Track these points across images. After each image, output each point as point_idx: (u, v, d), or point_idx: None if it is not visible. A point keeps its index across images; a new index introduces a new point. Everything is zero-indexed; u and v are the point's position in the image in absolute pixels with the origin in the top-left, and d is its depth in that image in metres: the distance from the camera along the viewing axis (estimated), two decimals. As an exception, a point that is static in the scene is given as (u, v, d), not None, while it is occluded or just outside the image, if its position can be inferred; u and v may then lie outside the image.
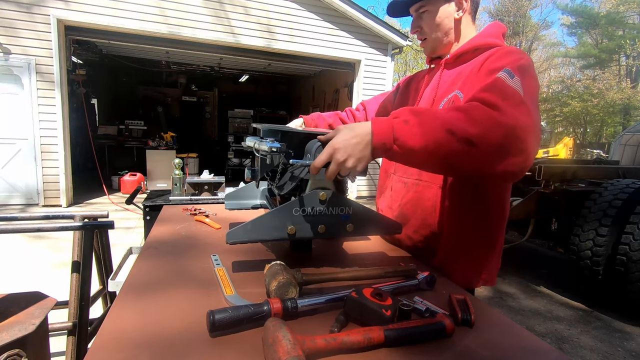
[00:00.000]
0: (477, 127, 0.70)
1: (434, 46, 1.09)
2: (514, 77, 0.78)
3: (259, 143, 0.94)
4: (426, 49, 1.12)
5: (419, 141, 0.71)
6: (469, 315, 0.68)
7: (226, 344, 0.59)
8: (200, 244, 1.08)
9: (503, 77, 0.79)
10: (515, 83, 0.77)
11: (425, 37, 1.09)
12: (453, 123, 0.71)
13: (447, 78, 1.06)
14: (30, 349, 1.17)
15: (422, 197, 1.05)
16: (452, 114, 0.73)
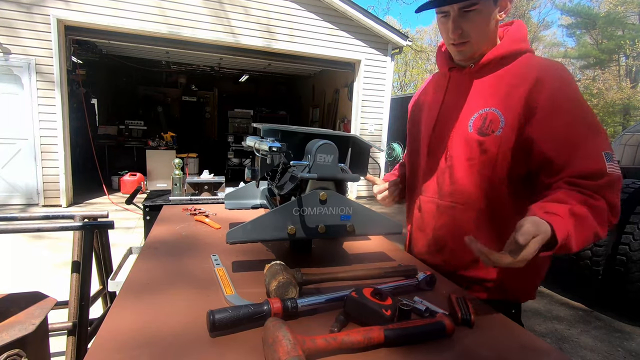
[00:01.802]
0: (604, 228, 0.79)
1: (473, 51, 0.95)
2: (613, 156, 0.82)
3: (259, 143, 0.94)
4: (461, 53, 0.96)
5: (582, 244, 0.75)
6: (469, 315, 0.68)
7: (226, 344, 0.59)
8: (200, 244, 1.08)
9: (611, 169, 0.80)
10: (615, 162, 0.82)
11: (467, 40, 0.93)
12: (600, 229, 0.78)
13: (477, 88, 0.97)
14: (30, 349, 1.17)
15: (458, 221, 0.97)
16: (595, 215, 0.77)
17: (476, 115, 0.93)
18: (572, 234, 0.71)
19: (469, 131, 0.94)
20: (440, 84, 1.07)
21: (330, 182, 0.89)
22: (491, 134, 0.90)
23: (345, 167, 0.99)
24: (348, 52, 7.01)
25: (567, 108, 0.84)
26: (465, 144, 0.95)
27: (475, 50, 0.95)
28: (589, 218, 0.75)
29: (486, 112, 0.91)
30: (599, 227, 0.76)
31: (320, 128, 1.41)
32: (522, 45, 0.94)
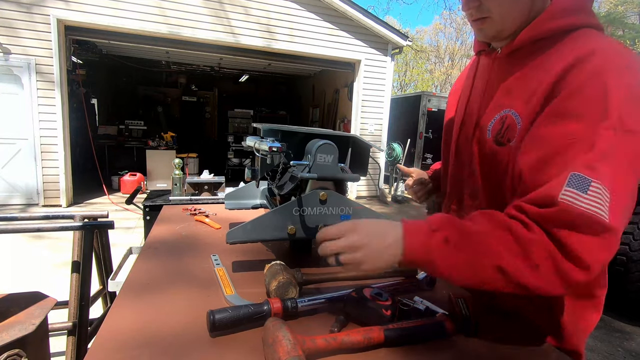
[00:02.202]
0: (535, 276, 0.55)
1: (497, 30, 0.72)
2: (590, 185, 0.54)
3: (259, 143, 0.94)
4: (483, 31, 0.74)
5: (460, 273, 0.58)
6: (468, 315, 0.67)
7: (226, 344, 0.59)
8: (200, 244, 1.08)
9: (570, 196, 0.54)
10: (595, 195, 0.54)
11: (487, 15, 0.70)
12: (506, 260, 0.56)
13: (504, 81, 0.75)
14: (30, 349, 1.17)
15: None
16: (505, 243, 0.57)
17: (497, 118, 0.74)
18: (436, 250, 0.58)
19: (487, 137, 0.75)
20: (471, 71, 0.88)
21: (330, 182, 0.89)
22: (506, 143, 0.70)
23: (345, 167, 0.99)
24: (348, 52, 7.01)
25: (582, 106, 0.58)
26: (483, 152, 0.77)
27: (501, 29, 0.72)
28: (476, 237, 0.58)
29: (506, 115, 0.71)
30: (511, 259, 0.56)
31: (320, 128, 1.41)
32: (574, 18, 0.65)
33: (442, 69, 27.55)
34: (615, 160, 0.55)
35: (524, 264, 0.55)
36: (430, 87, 25.66)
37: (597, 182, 0.54)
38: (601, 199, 0.53)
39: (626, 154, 0.55)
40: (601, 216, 0.53)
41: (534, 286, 0.56)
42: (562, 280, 0.55)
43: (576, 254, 0.53)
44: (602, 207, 0.53)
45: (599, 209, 0.53)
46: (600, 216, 0.53)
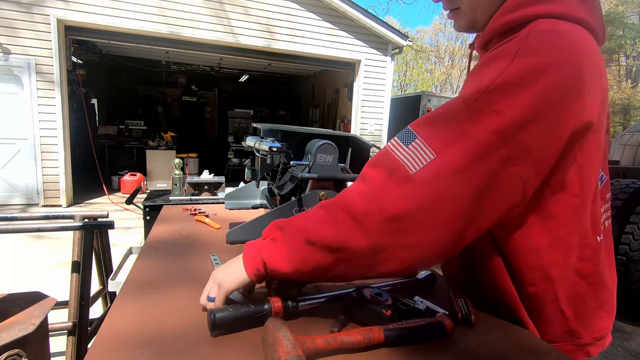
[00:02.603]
0: (333, 228, 0.56)
1: (469, 22, 0.70)
2: (413, 141, 0.56)
3: (259, 143, 0.94)
4: (457, 23, 0.73)
5: (286, 262, 0.59)
6: (469, 315, 0.68)
7: (226, 344, 0.59)
8: (200, 244, 1.08)
9: (393, 145, 0.58)
10: (413, 150, 0.55)
11: (457, 5, 0.69)
12: (311, 230, 0.58)
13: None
14: (30, 349, 1.17)
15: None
16: (315, 213, 0.61)
17: None
18: (265, 250, 0.62)
19: None
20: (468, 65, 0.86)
21: (330, 182, 0.89)
22: None
23: (345, 167, 0.99)
24: (348, 52, 7.01)
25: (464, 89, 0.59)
26: None
27: (473, 20, 0.70)
28: (293, 223, 0.62)
29: None
30: (315, 226, 0.58)
31: (320, 128, 1.41)
32: (532, 9, 0.59)
33: (442, 69, 27.55)
34: (456, 127, 0.54)
35: (325, 226, 0.57)
36: (430, 87, 25.66)
37: (419, 139, 0.56)
38: (417, 154, 0.55)
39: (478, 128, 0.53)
40: (406, 166, 0.55)
41: (336, 242, 0.56)
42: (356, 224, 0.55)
43: (367, 187, 0.56)
44: (412, 160, 0.55)
45: (409, 162, 0.55)
46: (405, 165, 0.55)
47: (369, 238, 0.55)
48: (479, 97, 0.54)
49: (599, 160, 0.66)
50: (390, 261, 0.57)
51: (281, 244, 0.61)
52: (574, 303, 0.69)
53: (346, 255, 0.57)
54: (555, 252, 0.65)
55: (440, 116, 0.57)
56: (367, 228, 0.54)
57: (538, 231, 0.64)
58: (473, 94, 0.55)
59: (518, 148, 0.53)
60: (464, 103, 0.55)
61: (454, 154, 0.53)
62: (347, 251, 0.56)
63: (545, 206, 0.62)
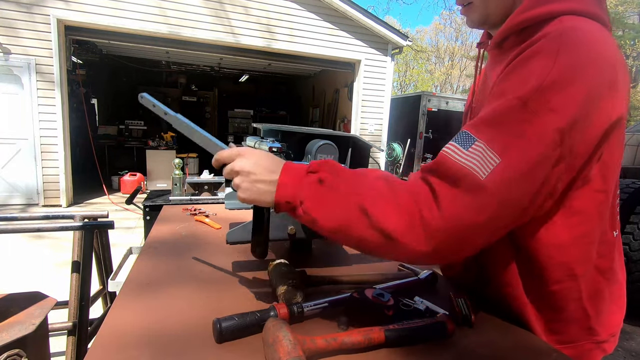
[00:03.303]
0: (398, 219, 0.53)
1: (484, 13, 0.69)
2: (473, 144, 0.53)
3: (259, 143, 0.94)
4: (470, 18, 0.72)
5: (326, 214, 0.56)
6: (469, 315, 0.67)
7: (226, 344, 0.59)
8: (200, 244, 1.08)
9: (451, 149, 0.55)
10: (475, 153, 0.52)
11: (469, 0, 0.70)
12: (371, 201, 0.54)
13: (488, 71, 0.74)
14: (30, 349, 1.17)
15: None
16: (377, 185, 0.56)
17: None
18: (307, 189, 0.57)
19: None
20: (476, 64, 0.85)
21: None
22: None
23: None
24: (348, 52, 7.01)
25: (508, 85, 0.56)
26: None
27: (485, 15, 0.70)
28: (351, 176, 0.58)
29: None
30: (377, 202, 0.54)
31: (320, 128, 1.41)
32: (555, 5, 0.59)
33: (442, 69, 27.56)
34: (513, 128, 0.52)
35: (389, 206, 0.54)
36: (430, 87, 25.67)
37: (480, 142, 0.53)
38: (481, 157, 0.52)
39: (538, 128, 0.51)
40: (474, 172, 0.51)
41: (394, 231, 0.53)
42: (423, 226, 0.52)
43: (441, 202, 0.52)
44: (478, 164, 0.51)
45: (475, 165, 0.51)
46: (473, 171, 0.51)
47: (430, 244, 0.53)
48: (533, 97, 0.52)
49: (622, 155, 0.65)
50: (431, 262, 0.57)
51: (328, 192, 0.57)
52: (594, 300, 0.68)
53: (397, 247, 0.54)
54: (579, 248, 0.64)
55: (496, 117, 0.54)
56: (433, 234, 0.52)
57: (561, 227, 0.63)
58: (527, 94, 0.53)
59: (567, 148, 0.53)
60: (521, 103, 0.53)
61: (518, 157, 0.51)
62: (401, 245, 0.53)
63: (569, 202, 0.61)
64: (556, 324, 0.68)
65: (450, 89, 26.30)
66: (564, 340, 0.68)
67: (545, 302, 0.67)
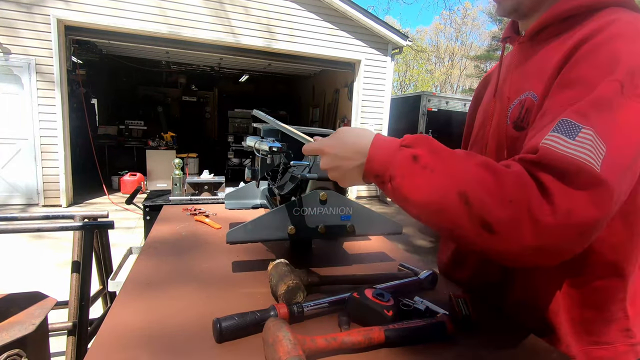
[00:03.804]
0: (502, 211, 0.48)
1: (517, 4, 0.69)
2: (579, 132, 0.48)
3: (260, 143, 0.94)
4: (500, 7, 0.72)
5: (419, 195, 0.53)
6: (469, 315, 0.67)
7: (226, 344, 0.59)
8: (200, 244, 1.08)
9: (554, 141, 0.49)
10: (585, 143, 0.47)
11: None
12: (473, 188, 0.50)
13: (522, 64, 0.71)
14: (30, 349, 1.17)
15: None
16: (479, 172, 0.51)
17: (516, 103, 0.68)
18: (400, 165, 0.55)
19: (506, 123, 0.70)
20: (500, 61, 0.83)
21: (330, 182, 0.89)
22: (527, 127, 0.64)
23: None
24: (348, 52, 7.01)
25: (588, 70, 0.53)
26: (499, 140, 0.72)
27: (518, 4, 0.69)
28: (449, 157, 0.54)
29: (525, 98, 0.66)
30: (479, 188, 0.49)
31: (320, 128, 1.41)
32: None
33: (442, 69, 27.56)
34: (617, 113, 0.48)
35: (493, 197, 0.48)
36: (430, 87, 25.67)
37: (588, 129, 0.48)
38: (592, 147, 0.47)
39: (635, 115, 0.49)
40: (590, 164, 0.46)
41: (497, 224, 0.48)
42: (531, 222, 0.46)
43: (554, 198, 0.46)
44: (591, 155, 0.46)
45: (588, 156, 0.46)
46: (588, 163, 0.46)
47: (538, 239, 0.47)
48: (627, 81, 0.50)
49: None
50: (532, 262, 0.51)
51: (423, 171, 0.53)
52: (635, 300, 0.66)
53: (498, 239, 0.49)
54: (633, 247, 0.62)
55: (598, 103, 0.50)
56: (542, 229, 0.46)
57: (620, 226, 0.60)
58: (622, 77, 0.50)
59: None
60: (619, 86, 0.49)
61: (624, 145, 0.48)
62: (503, 238, 0.48)
63: (633, 199, 0.57)
64: (594, 324, 0.65)
65: (450, 89, 26.30)
66: (600, 341, 0.66)
67: (586, 301, 0.65)
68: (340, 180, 0.64)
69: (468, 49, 26.75)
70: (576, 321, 0.66)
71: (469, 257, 0.83)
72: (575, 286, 0.65)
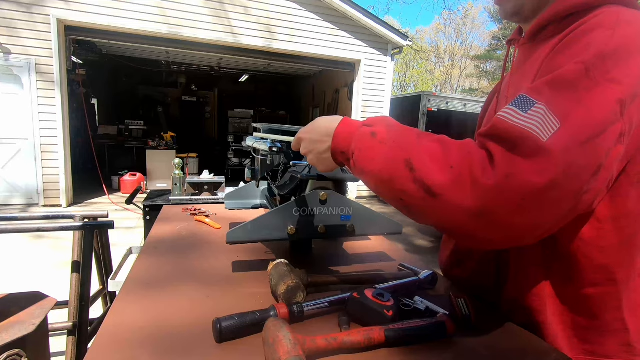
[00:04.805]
0: (443, 174, 0.50)
1: (520, 3, 0.69)
2: (532, 107, 0.50)
3: (260, 143, 0.94)
4: (503, 8, 0.72)
5: (373, 166, 0.57)
6: (469, 315, 0.67)
7: (226, 344, 0.59)
8: (200, 244, 1.08)
9: (508, 113, 0.51)
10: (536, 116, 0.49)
11: None
12: (418, 156, 0.53)
13: (527, 66, 0.70)
14: (30, 349, 1.17)
15: None
16: (427, 142, 0.54)
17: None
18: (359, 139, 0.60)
19: None
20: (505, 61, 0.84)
21: (330, 182, 0.89)
22: None
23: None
24: (348, 52, 7.01)
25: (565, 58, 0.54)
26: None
27: (521, 4, 0.69)
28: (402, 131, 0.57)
29: None
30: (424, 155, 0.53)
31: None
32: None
33: (442, 69, 27.56)
34: (579, 94, 0.49)
35: (436, 163, 0.51)
36: (430, 87, 25.68)
37: (541, 104, 0.49)
38: (541, 120, 0.48)
39: (600, 96, 0.49)
40: (535, 133, 0.47)
41: (438, 187, 0.50)
42: (471, 184, 0.48)
43: (496, 163, 0.48)
44: (539, 127, 0.48)
45: (537, 128, 0.47)
46: (533, 132, 0.47)
47: (478, 200, 0.48)
48: (595, 64, 0.50)
49: None
50: (479, 231, 0.52)
51: (379, 145, 0.57)
52: (636, 312, 0.63)
53: (441, 203, 0.51)
54: (624, 252, 0.61)
55: (558, 81, 0.51)
56: (482, 191, 0.48)
57: (610, 228, 0.60)
58: (590, 60, 0.50)
59: (627, 124, 0.50)
60: (584, 68, 0.50)
61: (580, 124, 0.48)
62: (445, 200, 0.50)
63: (623, 202, 0.58)
64: (588, 333, 0.64)
65: (450, 89, 26.30)
66: (598, 353, 0.64)
67: (578, 307, 0.64)
68: (317, 163, 0.69)
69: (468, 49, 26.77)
70: (568, 325, 0.65)
71: (468, 257, 0.82)
72: (564, 289, 0.64)
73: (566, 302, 0.65)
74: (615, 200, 0.59)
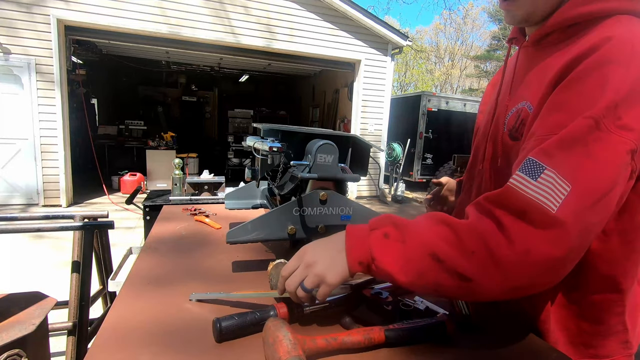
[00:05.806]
0: (466, 257, 0.51)
1: (530, 10, 0.66)
2: (542, 173, 0.50)
3: (260, 143, 0.94)
4: (512, 14, 0.69)
5: (400, 267, 0.55)
6: (469, 315, 0.67)
7: (226, 343, 0.59)
8: (200, 243, 1.08)
9: (518, 181, 0.51)
10: (545, 184, 0.49)
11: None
12: (440, 248, 0.53)
13: (525, 70, 0.70)
14: (30, 349, 1.17)
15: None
16: (439, 230, 0.54)
17: (513, 111, 0.69)
18: (376, 245, 0.56)
19: (503, 130, 0.71)
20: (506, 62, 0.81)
21: (330, 182, 0.89)
22: (520, 138, 0.65)
23: (345, 167, 0.99)
24: (348, 52, 7.01)
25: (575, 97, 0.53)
26: (495, 146, 0.74)
27: (532, 12, 0.66)
28: (411, 227, 0.57)
29: (522, 108, 0.66)
30: (444, 245, 0.53)
31: (320, 128, 1.41)
32: (609, 3, 0.58)
33: (442, 69, 27.56)
34: (588, 149, 0.49)
35: (457, 249, 0.52)
36: (430, 87, 25.68)
37: (550, 170, 0.50)
38: (552, 188, 0.49)
39: (611, 149, 0.49)
40: (545, 205, 0.48)
41: (469, 273, 0.51)
42: (495, 266, 0.49)
43: (511, 236, 0.49)
44: (550, 197, 0.48)
45: (546, 199, 0.48)
46: (544, 205, 0.48)
47: (506, 281, 0.51)
48: (606, 115, 0.49)
49: None
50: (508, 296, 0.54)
51: (396, 244, 0.56)
52: (634, 313, 0.66)
53: (474, 287, 0.52)
54: (630, 262, 0.63)
55: (565, 142, 0.51)
56: (507, 270, 0.50)
57: (617, 241, 0.61)
58: (600, 112, 0.50)
59: (638, 162, 0.51)
60: (594, 123, 0.50)
61: (591, 182, 0.49)
62: (477, 284, 0.52)
63: (630, 215, 0.59)
64: (592, 338, 0.66)
65: (450, 89, 26.31)
66: (599, 355, 0.66)
67: (583, 313, 0.65)
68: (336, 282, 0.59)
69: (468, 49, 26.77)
70: (572, 332, 0.66)
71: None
72: (570, 298, 0.65)
73: (571, 310, 0.65)
74: (623, 215, 0.59)
